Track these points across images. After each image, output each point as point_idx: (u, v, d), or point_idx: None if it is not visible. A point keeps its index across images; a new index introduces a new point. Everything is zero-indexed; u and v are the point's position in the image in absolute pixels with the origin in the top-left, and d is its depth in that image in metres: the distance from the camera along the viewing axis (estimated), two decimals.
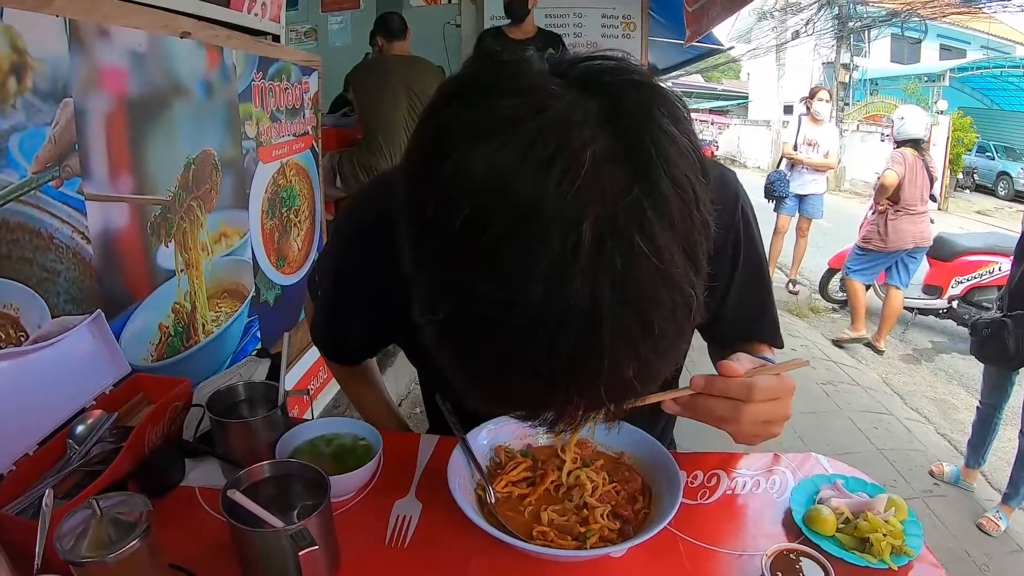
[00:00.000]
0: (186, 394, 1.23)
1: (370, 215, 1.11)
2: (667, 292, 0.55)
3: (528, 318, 0.53)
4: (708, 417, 0.90)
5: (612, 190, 0.52)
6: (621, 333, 0.54)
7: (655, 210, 0.53)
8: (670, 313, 0.56)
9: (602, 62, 0.59)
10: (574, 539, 0.94)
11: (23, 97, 1.21)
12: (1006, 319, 3.09)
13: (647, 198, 0.53)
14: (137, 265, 1.57)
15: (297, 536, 0.82)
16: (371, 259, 1.09)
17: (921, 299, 5.95)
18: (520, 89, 0.56)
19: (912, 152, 5.20)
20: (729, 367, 0.88)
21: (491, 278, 0.53)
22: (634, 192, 0.52)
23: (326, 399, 2.97)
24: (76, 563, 0.76)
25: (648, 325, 0.55)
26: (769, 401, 0.87)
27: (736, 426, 0.89)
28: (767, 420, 0.89)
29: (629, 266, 0.52)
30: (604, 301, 0.52)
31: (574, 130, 0.53)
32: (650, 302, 0.54)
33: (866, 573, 0.94)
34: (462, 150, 0.55)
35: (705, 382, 0.88)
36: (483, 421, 1.14)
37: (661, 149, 0.54)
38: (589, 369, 0.55)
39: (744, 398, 0.86)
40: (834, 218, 8.66)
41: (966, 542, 3.15)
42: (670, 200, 0.54)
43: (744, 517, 1.08)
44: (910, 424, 4.36)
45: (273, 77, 2.20)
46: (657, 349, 0.57)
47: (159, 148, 1.62)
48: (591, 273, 0.51)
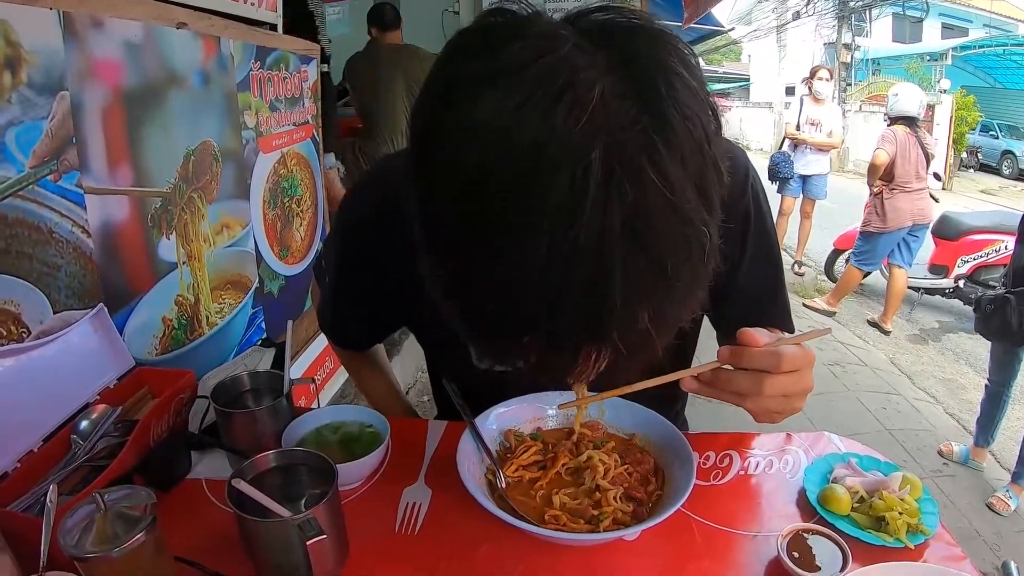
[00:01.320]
0: (191, 386, 1.22)
1: (372, 199, 1.10)
2: (680, 228, 0.54)
3: (537, 262, 0.52)
4: (729, 393, 0.86)
5: (620, 122, 0.51)
6: (633, 274, 0.53)
7: (665, 144, 0.52)
8: (684, 253, 0.54)
9: (611, 13, 0.58)
10: (587, 522, 0.94)
11: (18, 91, 1.19)
12: (1009, 295, 3.09)
13: (656, 131, 0.52)
14: (139, 258, 1.56)
15: (305, 525, 0.81)
16: (375, 243, 1.09)
17: (927, 278, 5.93)
18: (527, 35, 0.55)
19: (904, 129, 5.17)
20: (750, 335, 0.84)
21: (499, 223, 0.53)
22: (642, 123, 0.51)
23: (333, 388, 2.97)
24: (81, 558, 0.75)
25: (661, 264, 0.54)
26: (792, 372, 0.83)
27: (758, 401, 0.85)
28: (789, 393, 0.86)
29: (640, 198, 0.51)
30: (614, 238, 0.51)
31: (582, 70, 0.52)
32: (662, 239, 0.53)
33: (882, 552, 0.93)
34: (468, 97, 0.54)
35: (731, 353, 0.84)
36: (491, 405, 1.12)
37: (670, 87, 0.54)
38: (600, 314, 0.54)
39: (771, 368, 0.82)
40: (838, 199, 8.63)
41: (976, 522, 3.14)
42: (679, 134, 0.53)
43: (758, 497, 1.07)
44: (918, 404, 4.35)
45: (271, 66, 2.18)
46: (672, 294, 0.56)
47: (158, 140, 1.60)
48: (601, 206, 0.50)
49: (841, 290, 5.91)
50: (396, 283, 1.11)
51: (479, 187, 0.53)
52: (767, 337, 0.86)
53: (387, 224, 1.06)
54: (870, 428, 3.91)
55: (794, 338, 0.87)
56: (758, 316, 1.18)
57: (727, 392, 0.86)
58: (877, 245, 5.42)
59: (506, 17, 0.59)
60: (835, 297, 5.94)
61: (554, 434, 1.12)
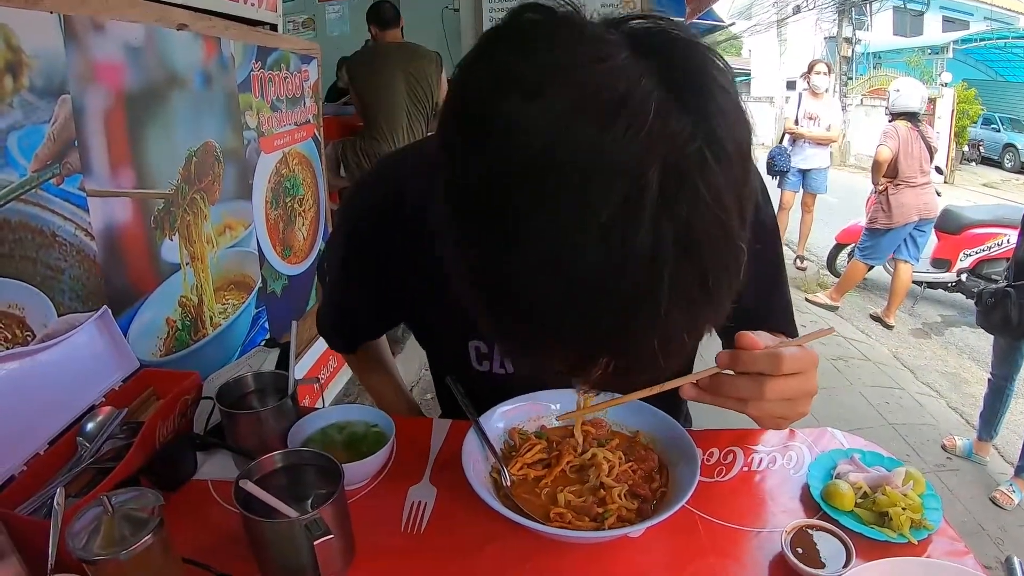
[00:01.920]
0: (195, 387, 1.22)
1: (375, 196, 1.10)
2: (724, 243, 0.55)
3: (586, 266, 0.52)
4: (730, 399, 0.84)
5: (675, 138, 0.51)
6: (679, 286, 0.53)
7: (716, 160, 0.53)
8: (725, 266, 0.56)
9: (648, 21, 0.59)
10: (592, 520, 0.94)
11: (20, 95, 1.19)
12: (1009, 289, 3.11)
13: (708, 148, 0.52)
14: (142, 260, 1.56)
15: (312, 525, 0.81)
16: (377, 239, 1.09)
17: (930, 272, 5.92)
18: (579, 38, 0.56)
19: (906, 124, 5.16)
20: (749, 338, 0.83)
21: (550, 227, 0.52)
22: (697, 140, 0.52)
23: (337, 388, 2.97)
24: (89, 561, 0.75)
25: (704, 277, 0.54)
26: (794, 375, 0.81)
27: (760, 406, 0.83)
28: (792, 397, 0.83)
29: (692, 213, 0.52)
30: (667, 251, 0.52)
31: (637, 81, 0.52)
32: (709, 253, 0.54)
33: (886, 547, 0.93)
34: (523, 93, 0.53)
35: (730, 357, 0.83)
36: (492, 403, 1.13)
37: (718, 103, 0.54)
38: (644, 324, 0.55)
39: (771, 370, 0.80)
40: (840, 193, 8.61)
41: (980, 516, 3.14)
42: (728, 151, 0.54)
43: (762, 494, 1.07)
44: (921, 398, 4.35)
45: (272, 66, 2.19)
46: (709, 306, 0.57)
47: (159, 141, 1.60)
48: (655, 220, 0.51)
49: (844, 285, 5.90)
50: (397, 279, 1.11)
51: (529, 186, 0.53)
52: (768, 340, 0.85)
53: (389, 220, 1.07)
54: (873, 423, 3.90)
55: (795, 340, 0.86)
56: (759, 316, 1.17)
57: (728, 398, 0.84)
58: (883, 241, 5.40)
59: (544, 14, 0.58)
60: (838, 292, 5.93)
61: (558, 432, 1.12)
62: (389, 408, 1.44)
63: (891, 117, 5.33)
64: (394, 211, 1.06)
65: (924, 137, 5.18)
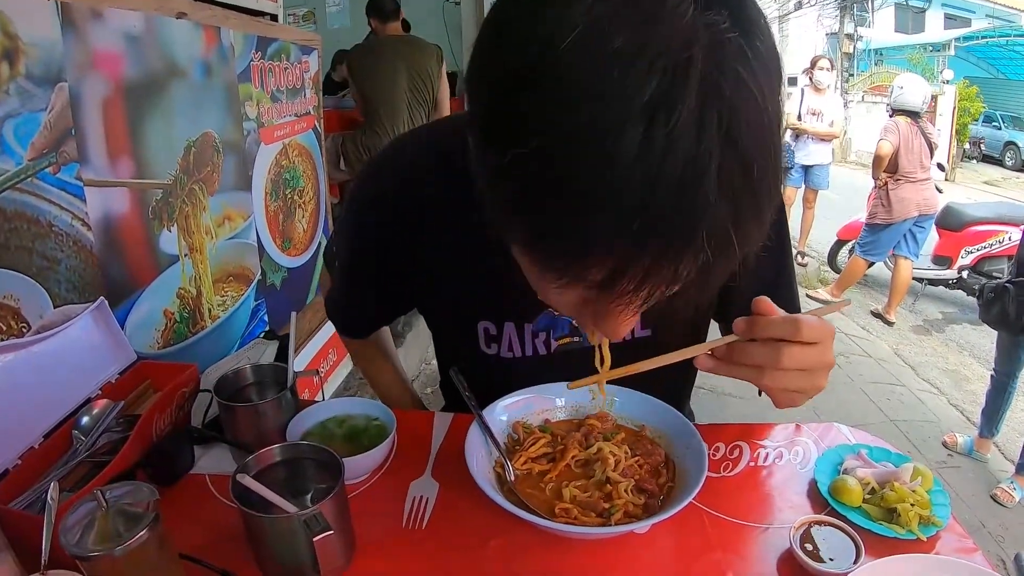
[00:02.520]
0: (193, 380, 1.21)
1: (387, 175, 1.08)
2: (766, 133, 0.54)
3: (631, 146, 0.51)
4: (746, 367, 0.82)
5: (717, 28, 0.52)
6: (725, 171, 0.52)
7: (754, 53, 0.53)
8: (768, 158, 0.55)
9: None
10: (598, 515, 0.92)
11: (16, 83, 1.17)
12: (1008, 285, 3.13)
13: (747, 40, 0.53)
14: (140, 251, 1.55)
15: (311, 521, 0.80)
16: (389, 218, 1.07)
17: (931, 269, 5.92)
18: None
19: (906, 120, 5.16)
20: (766, 303, 0.80)
21: (592, 109, 0.51)
22: (737, 32, 0.52)
23: (337, 380, 2.96)
24: (83, 557, 0.73)
25: (749, 166, 0.53)
26: (813, 345, 0.79)
27: (776, 376, 0.80)
28: (809, 366, 0.81)
29: (735, 97, 0.51)
30: (712, 133, 0.51)
31: None
32: (753, 141, 0.53)
33: (894, 544, 0.92)
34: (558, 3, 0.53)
35: (747, 323, 0.81)
36: (497, 394, 1.11)
37: (756, 21, 0.55)
38: (693, 208, 0.53)
39: (789, 336, 0.78)
40: (841, 190, 8.61)
41: (981, 513, 3.15)
42: (766, 45, 0.54)
43: (768, 489, 1.06)
44: (922, 395, 4.35)
45: (272, 57, 2.17)
46: (755, 201, 0.56)
47: (158, 131, 1.58)
48: (700, 100, 0.50)
49: (845, 281, 5.90)
50: (408, 262, 1.10)
51: (570, 72, 0.52)
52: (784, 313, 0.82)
53: (401, 201, 1.05)
54: (874, 419, 3.91)
55: (812, 311, 0.84)
56: None
57: (744, 366, 0.82)
58: (883, 236, 5.40)
59: None
60: (839, 288, 5.93)
61: (563, 426, 1.11)
62: (392, 400, 1.43)
63: (892, 113, 5.32)
64: (406, 191, 1.05)
65: (924, 133, 5.18)
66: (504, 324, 1.11)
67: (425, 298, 1.19)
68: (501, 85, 0.57)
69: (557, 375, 1.12)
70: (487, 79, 0.60)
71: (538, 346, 1.12)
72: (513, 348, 1.13)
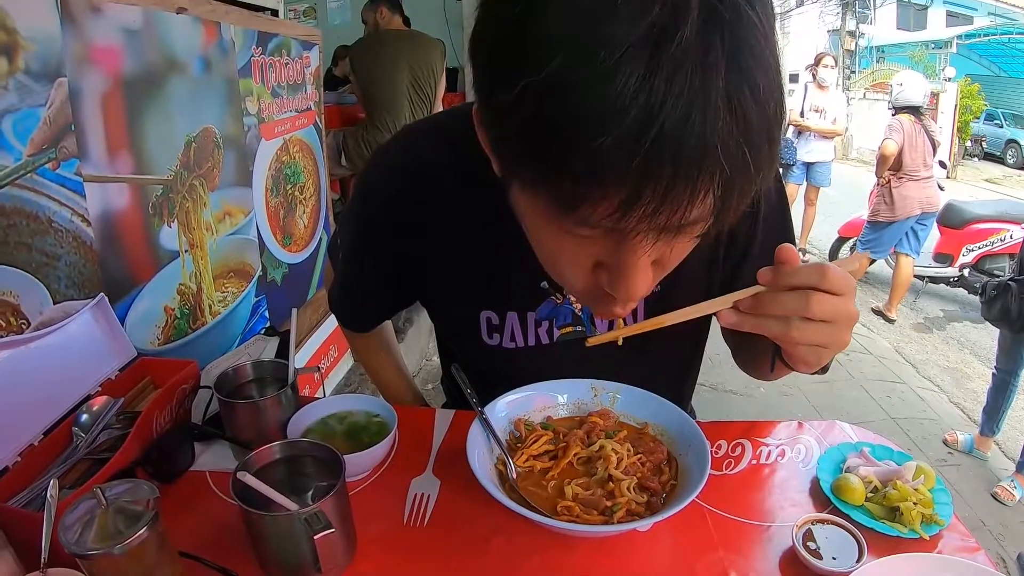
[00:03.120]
0: (193, 376, 1.20)
1: (392, 170, 1.08)
2: (769, 62, 0.56)
3: (639, 69, 0.52)
4: (773, 318, 0.79)
5: None
6: (733, 92, 0.53)
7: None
8: (772, 86, 0.56)
9: None
10: (600, 513, 0.91)
11: (15, 78, 1.17)
12: (1011, 282, 3.14)
13: None
14: (140, 247, 1.54)
15: (312, 519, 0.79)
16: (393, 212, 1.06)
17: (932, 267, 5.91)
18: None
19: (910, 118, 5.16)
20: (789, 251, 0.79)
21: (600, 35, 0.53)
22: None
23: (337, 377, 2.96)
24: (82, 555, 0.73)
25: (756, 86, 0.55)
26: (838, 295, 0.77)
27: (804, 327, 0.78)
28: (835, 318, 0.78)
29: (737, 26, 0.53)
30: (717, 55, 0.52)
31: None
32: (758, 65, 0.55)
33: (896, 543, 0.91)
34: None
35: (772, 273, 0.79)
36: (500, 390, 1.11)
37: None
38: (703, 127, 0.53)
39: (817, 283, 0.76)
40: (842, 187, 8.61)
41: (981, 511, 3.15)
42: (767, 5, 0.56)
43: (771, 487, 1.05)
44: (923, 393, 4.35)
45: (273, 52, 2.16)
46: (765, 115, 0.56)
47: (158, 126, 1.58)
48: (705, 24, 0.52)
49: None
50: (412, 253, 1.09)
51: None
52: None
53: (406, 193, 1.05)
54: (875, 416, 3.90)
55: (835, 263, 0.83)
56: None
57: (771, 317, 0.79)
58: (885, 234, 5.40)
59: None
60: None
61: (565, 423, 1.10)
62: (393, 396, 1.43)
63: (894, 111, 5.32)
64: (411, 183, 1.05)
65: (927, 131, 5.18)
66: (507, 314, 1.10)
67: (428, 289, 1.18)
68: (507, 19, 0.59)
69: (560, 365, 1.13)
70: (493, 17, 0.62)
71: (540, 336, 1.12)
72: (516, 338, 1.12)
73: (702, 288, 1.09)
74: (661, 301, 1.06)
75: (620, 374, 1.12)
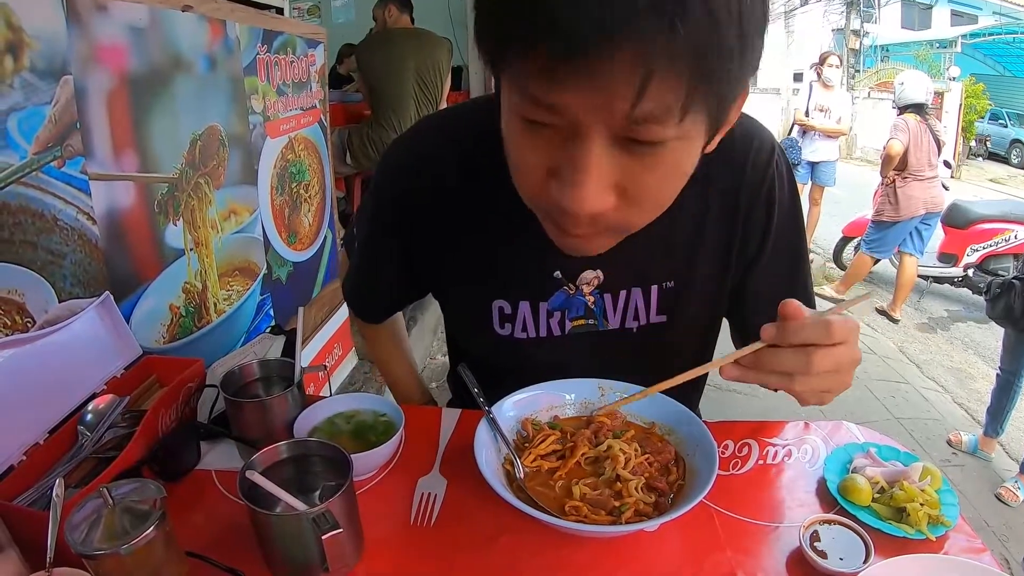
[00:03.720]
0: (199, 375, 1.20)
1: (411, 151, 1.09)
2: None
3: None
4: (775, 375, 0.81)
5: None
6: None
7: None
8: None
9: None
10: (608, 513, 0.91)
11: (20, 76, 1.17)
12: (1015, 280, 3.15)
13: None
14: (145, 245, 1.54)
15: (320, 519, 0.78)
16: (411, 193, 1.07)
17: (936, 267, 5.91)
18: None
19: (915, 118, 5.15)
20: (793, 306, 0.79)
21: None
22: None
23: (341, 376, 2.96)
24: (88, 556, 0.72)
25: None
26: (841, 344, 0.79)
27: (807, 380, 0.80)
28: (840, 367, 0.80)
29: None
30: None
31: None
32: None
33: (903, 543, 0.91)
34: None
35: (777, 330, 0.79)
36: (508, 387, 1.10)
37: None
38: None
39: (821, 340, 0.77)
40: (846, 186, 8.59)
41: (985, 512, 3.14)
42: None
43: (778, 487, 1.05)
44: (927, 393, 4.34)
45: (278, 50, 2.16)
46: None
47: (163, 125, 1.58)
48: None
49: (851, 278, 5.88)
50: (427, 243, 1.10)
51: None
52: (807, 311, 0.81)
53: (414, 185, 1.06)
54: (879, 416, 3.90)
55: (835, 308, 0.84)
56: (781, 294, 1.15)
57: (773, 374, 0.81)
58: (890, 234, 5.39)
59: None
60: (844, 285, 5.92)
61: (572, 422, 1.09)
62: (401, 392, 1.43)
63: (899, 111, 5.31)
64: (416, 183, 1.05)
65: (932, 130, 5.17)
66: (519, 303, 1.10)
67: (441, 280, 1.18)
68: None
69: (571, 358, 1.12)
70: None
71: (552, 327, 1.11)
72: (527, 328, 1.12)
73: (713, 294, 1.10)
74: (675, 298, 1.07)
75: (631, 370, 1.11)
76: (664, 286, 1.07)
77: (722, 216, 1.04)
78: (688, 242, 1.05)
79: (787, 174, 1.07)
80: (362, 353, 3.14)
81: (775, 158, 1.03)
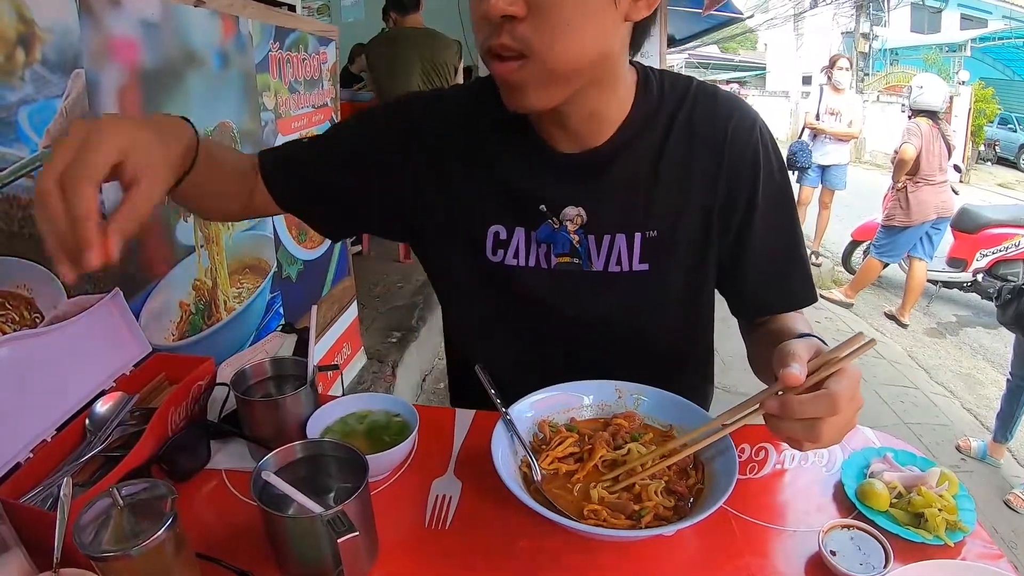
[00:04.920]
0: (209, 373, 1.19)
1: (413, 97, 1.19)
2: None
3: None
4: (782, 438, 0.83)
5: None
6: None
7: None
8: None
9: None
10: (627, 517, 0.90)
11: (32, 69, 1.16)
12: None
13: None
14: (156, 241, 1.54)
15: (335, 522, 0.76)
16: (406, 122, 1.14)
17: (946, 272, 5.88)
18: None
19: (927, 122, 5.14)
20: (793, 376, 0.79)
21: None
22: None
23: (351, 374, 2.95)
24: (97, 558, 0.71)
25: None
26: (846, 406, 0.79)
27: (816, 444, 0.81)
28: (846, 426, 0.82)
29: None
30: None
31: None
32: None
33: (921, 549, 0.90)
34: None
35: (780, 406, 0.80)
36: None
37: None
38: None
39: (826, 414, 0.78)
40: (856, 190, 8.56)
41: (993, 519, 3.12)
42: None
43: (795, 492, 1.04)
44: (936, 398, 4.32)
45: (290, 47, 2.15)
46: None
47: None
48: None
49: (859, 282, 5.86)
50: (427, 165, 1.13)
51: None
52: (805, 353, 0.82)
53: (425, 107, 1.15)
54: (888, 421, 3.89)
55: (834, 350, 0.84)
56: (776, 292, 1.15)
57: (781, 437, 0.83)
58: (900, 238, 5.37)
59: None
60: (853, 289, 5.90)
61: (589, 424, 1.08)
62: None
63: (911, 114, 5.28)
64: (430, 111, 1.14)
65: (944, 135, 5.15)
66: (515, 228, 1.12)
67: (436, 213, 1.16)
68: None
69: (556, 296, 1.14)
70: None
71: (540, 258, 1.12)
72: (519, 255, 1.13)
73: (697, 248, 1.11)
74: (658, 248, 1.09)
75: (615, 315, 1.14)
76: (647, 235, 1.09)
77: (706, 170, 1.07)
78: (673, 193, 1.07)
79: (772, 145, 1.10)
80: (371, 352, 3.14)
81: (758, 126, 1.08)
